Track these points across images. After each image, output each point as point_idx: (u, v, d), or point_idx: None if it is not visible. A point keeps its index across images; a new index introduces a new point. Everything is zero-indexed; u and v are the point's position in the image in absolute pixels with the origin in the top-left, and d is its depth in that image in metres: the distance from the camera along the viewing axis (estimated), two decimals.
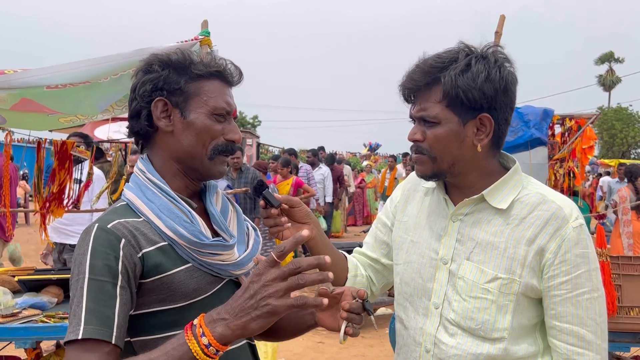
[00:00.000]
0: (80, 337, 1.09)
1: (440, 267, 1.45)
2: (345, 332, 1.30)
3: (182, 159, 1.32)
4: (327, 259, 1.03)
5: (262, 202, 1.45)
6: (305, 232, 1.04)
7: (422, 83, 1.38)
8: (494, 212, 1.41)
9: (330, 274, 1.03)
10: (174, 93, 1.30)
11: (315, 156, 10.35)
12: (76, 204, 4.46)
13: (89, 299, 1.13)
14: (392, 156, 13.72)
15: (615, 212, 7.20)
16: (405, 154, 13.25)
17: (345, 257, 1.69)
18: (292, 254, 6.73)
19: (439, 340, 1.42)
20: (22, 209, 13.60)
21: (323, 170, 10.29)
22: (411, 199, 1.62)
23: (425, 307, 1.46)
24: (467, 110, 1.36)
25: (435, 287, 1.45)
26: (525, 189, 1.42)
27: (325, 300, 1.03)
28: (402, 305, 1.55)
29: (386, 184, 12.49)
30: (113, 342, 1.12)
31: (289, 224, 1.48)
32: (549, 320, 1.38)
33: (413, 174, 1.63)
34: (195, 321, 1.08)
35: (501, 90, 1.35)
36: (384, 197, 12.14)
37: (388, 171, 12.81)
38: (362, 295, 1.31)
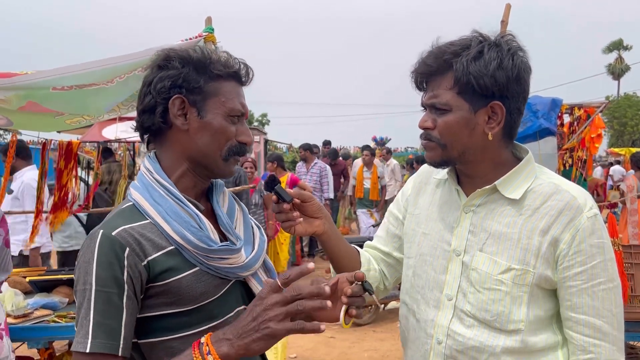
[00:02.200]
0: (88, 350, 1.11)
1: (453, 258, 1.44)
2: (348, 315, 1.30)
3: (194, 157, 1.31)
4: (327, 289, 1.11)
5: (274, 197, 1.43)
6: (311, 265, 1.12)
7: (434, 68, 1.38)
8: (506, 202, 1.40)
9: (329, 302, 1.10)
10: (193, 91, 1.28)
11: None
12: (87, 206, 4.48)
13: (96, 311, 1.14)
14: (368, 146, 10.12)
15: (622, 202, 7.13)
16: (365, 147, 10.16)
17: (358, 251, 1.68)
18: (287, 248, 6.59)
19: (453, 332, 1.41)
20: (20, 211, 13.67)
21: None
22: (423, 191, 1.61)
23: (437, 299, 1.45)
24: (479, 97, 1.35)
25: (448, 279, 1.44)
26: (538, 179, 1.41)
27: (323, 326, 1.10)
28: (413, 297, 1.54)
29: (367, 185, 9.28)
30: (120, 354, 1.14)
31: (301, 219, 1.47)
32: (564, 311, 1.36)
33: (425, 165, 1.61)
34: (203, 339, 1.12)
35: (513, 78, 1.34)
36: (364, 203, 9.42)
37: (366, 170, 9.38)
38: (361, 277, 1.30)
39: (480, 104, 1.35)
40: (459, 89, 1.35)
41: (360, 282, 1.30)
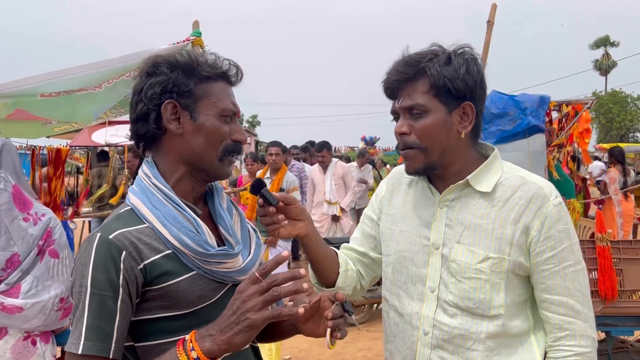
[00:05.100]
0: (79, 352, 1.13)
1: (432, 252, 1.51)
2: (333, 337, 1.32)
3: (190, 161, 1.32)
4: (302, 271, 1.11)
5: (260, 200, 1.45)
6: (285, 254, 1.13)
7: (409, 75, 1.45)
8: (479, 195, 1.48)
9: (305, 285, 1.12)
10: (183, 95, 1.29)
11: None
12: (76, 211, 4.45)
13: (90, 313, 1.15)
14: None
15: (604, 193, 7.21)
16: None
17: (337, 253, 1.73)
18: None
19: (438, 322, 1.47)
20: None
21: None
22: (396, 191, 1.68)
23: (420, 292, 1.52)
24: (453, 99, 1.44)
25: (429, 272, 1.51)
26: (505, 173, 1.51)
27: (301, 310, 1.11)
28: (395, 293, 1.59)
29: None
30: (111, 357, 1.16)
31: (286, 222, 1.49)
32: (539, 294, 1.46)
33: (397, 168, 1.70)
34: (187, 337, 1.14)
35: (479, 82, 1.46)
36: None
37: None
38: (341, 298, 1.34)
39: (454, 105, 1.45)
40: (435, 92, 1.44)
41: (340, 303, 1.34)
